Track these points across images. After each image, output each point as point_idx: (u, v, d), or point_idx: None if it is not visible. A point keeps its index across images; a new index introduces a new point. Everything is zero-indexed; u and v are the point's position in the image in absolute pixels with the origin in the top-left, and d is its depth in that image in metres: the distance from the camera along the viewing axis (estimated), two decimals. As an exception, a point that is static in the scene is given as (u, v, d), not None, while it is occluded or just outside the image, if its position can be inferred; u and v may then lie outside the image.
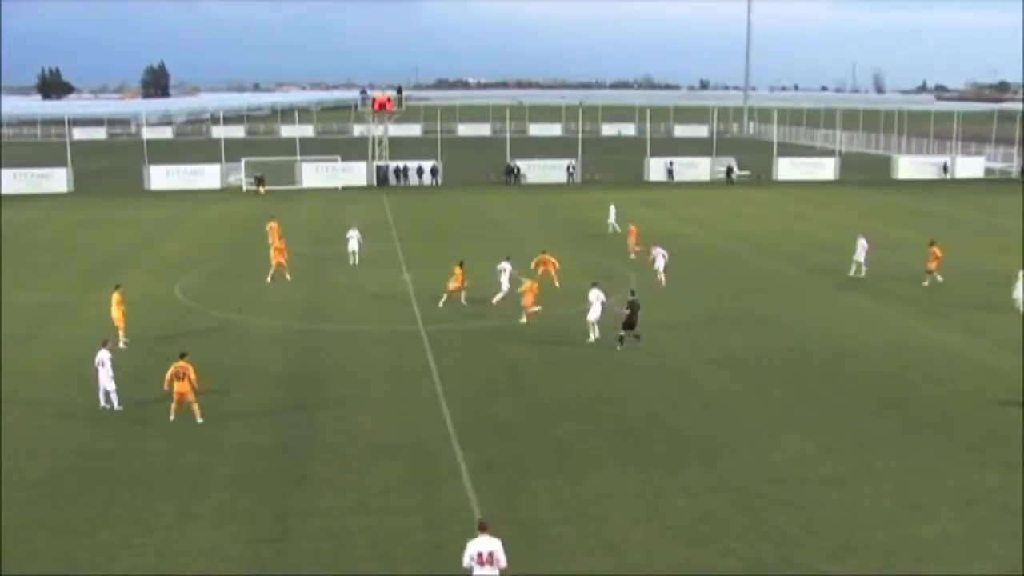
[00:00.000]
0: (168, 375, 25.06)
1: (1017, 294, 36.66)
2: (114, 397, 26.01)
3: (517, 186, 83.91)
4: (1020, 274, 36.95)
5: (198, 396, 25.05)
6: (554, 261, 40.37)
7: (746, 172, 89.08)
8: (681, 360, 30.99)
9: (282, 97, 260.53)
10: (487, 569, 15.42)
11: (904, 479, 21.83)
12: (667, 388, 28.24)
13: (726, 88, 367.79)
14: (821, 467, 22.54)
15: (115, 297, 32.72)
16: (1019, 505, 20.45)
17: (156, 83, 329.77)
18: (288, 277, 42.56)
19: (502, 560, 15.51)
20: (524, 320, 35.02)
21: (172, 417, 25.00)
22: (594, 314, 32.45)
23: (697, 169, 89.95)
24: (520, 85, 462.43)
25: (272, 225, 48.52)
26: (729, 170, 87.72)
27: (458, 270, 37.61)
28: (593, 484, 21.57)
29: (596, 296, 32.51)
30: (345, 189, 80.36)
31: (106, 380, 25.97)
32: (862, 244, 43.64)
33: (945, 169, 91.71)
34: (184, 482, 21.62)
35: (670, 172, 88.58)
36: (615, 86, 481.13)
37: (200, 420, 24.86)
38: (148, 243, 53.93)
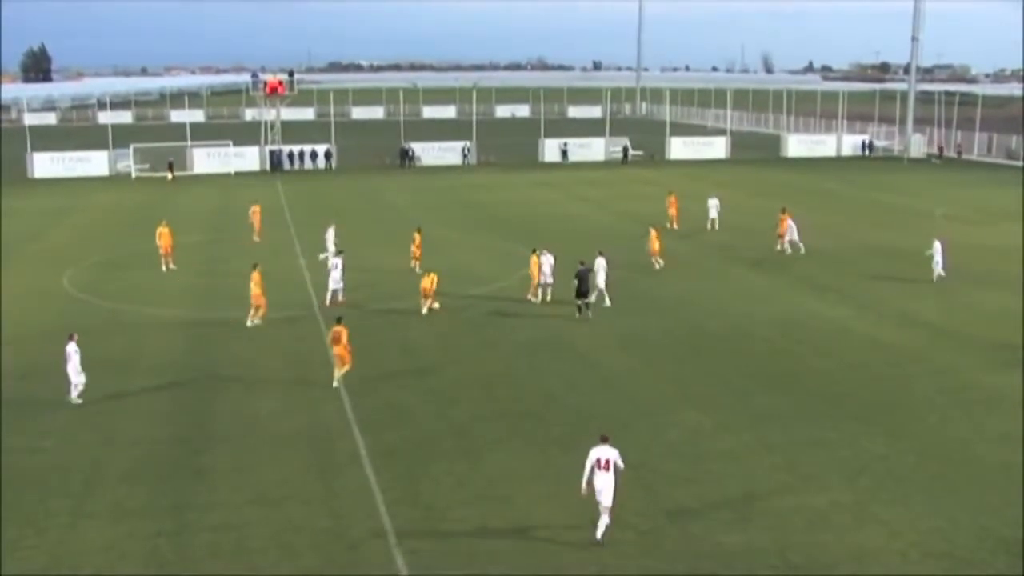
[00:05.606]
0: (328, 340, 27.95)
1: (936, 263, 38.91)
2: (75, 390, 25.44)
3: (412, 169, 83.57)
4: (936, 244, 39.28)
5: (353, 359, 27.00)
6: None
7: (639, 152, 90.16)
8: (577, 340, 31.32)
9: (171, 81, 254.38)
10: (604, 474, 17.83)
11: (796, 451, 22.48)
12: (564, 368, 28.54)
13: (619, 69, 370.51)
14: (717, 442, 23.07)
15: (254, 276, 33.18)
16: (903, 472, 21.28)
17: (37, 67, 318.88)
18: (169, 266, 41.82)
19: (620, 464, 18.14)
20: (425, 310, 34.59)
21: (335, 384, 26.81)
22: (601, 281, 34.89)
23: (591, 150, 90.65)
24: (414, 68, 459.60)
25: (255, 208, 50.16)
26: (625, 150, 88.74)
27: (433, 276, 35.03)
28: (494, 465, 21.74)
29: (601, 265, 34.77)
30: (238, 175, 79.05)
31: (73, 373, 25.42)
32: (791, 225, 45.05)
33: (865, 147, 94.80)
34: (77, 479, 21.13)
35: (564, 153, 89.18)
36: (509, 68, 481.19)
37: (336, 384, 26.75)
38: (34, 234, 52.24)
